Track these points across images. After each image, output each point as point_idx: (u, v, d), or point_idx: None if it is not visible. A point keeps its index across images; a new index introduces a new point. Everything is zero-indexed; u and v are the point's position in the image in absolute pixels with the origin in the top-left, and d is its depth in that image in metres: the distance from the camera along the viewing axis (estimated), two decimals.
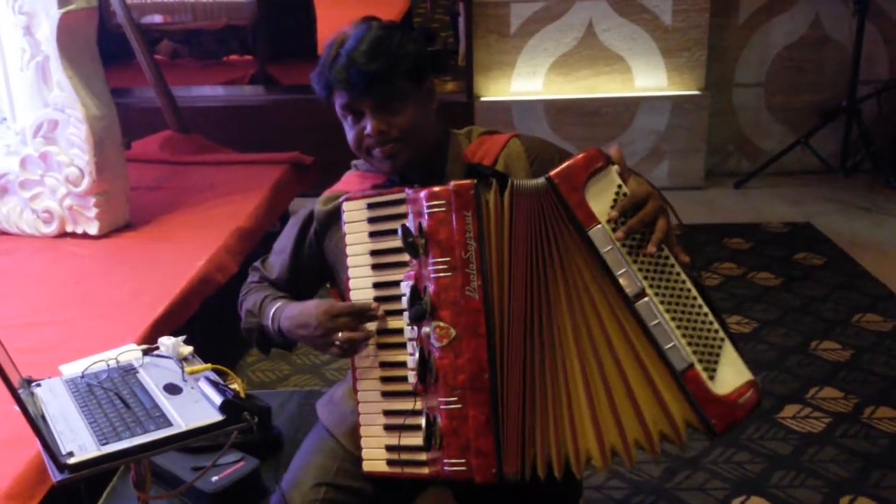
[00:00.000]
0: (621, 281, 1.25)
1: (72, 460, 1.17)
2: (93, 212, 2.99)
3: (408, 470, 1.34)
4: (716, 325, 1.26)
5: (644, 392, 1.26)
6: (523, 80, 4.49)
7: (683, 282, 1.26)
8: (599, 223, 1.26)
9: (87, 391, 1.37)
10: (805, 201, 4.27)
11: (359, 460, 1.40)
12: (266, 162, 3.79)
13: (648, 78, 4.44)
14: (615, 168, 1.27)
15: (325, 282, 1.59)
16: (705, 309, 1.26)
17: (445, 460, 1.28)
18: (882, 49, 4.48)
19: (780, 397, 2.60)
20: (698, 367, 1.25)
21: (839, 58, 4.45)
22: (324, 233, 1.51)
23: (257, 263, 1.64)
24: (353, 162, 1.58)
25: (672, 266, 1.26)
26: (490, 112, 4.44)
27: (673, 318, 1.26)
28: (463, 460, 1.27)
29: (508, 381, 1.27)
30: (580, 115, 4.43)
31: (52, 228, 3.06)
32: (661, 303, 1.25)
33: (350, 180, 1.55)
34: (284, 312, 1.46)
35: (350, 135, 1.42)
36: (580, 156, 1.27)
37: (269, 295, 1.55)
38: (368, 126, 1.38)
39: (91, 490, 1.81)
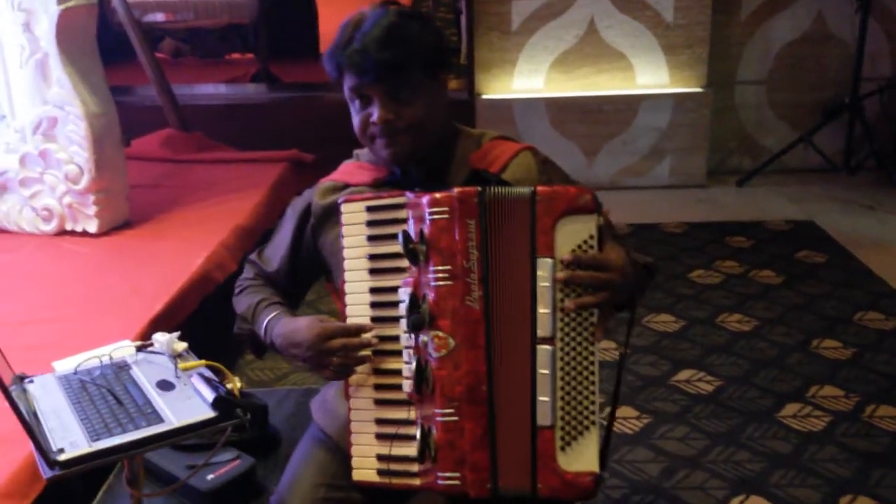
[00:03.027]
0: (538, 319, 1.23)
1: (62, 457, 1.17)
2: (92, 209, 2.99)
3: (398, 481, 1.31)
4: (594, 408, 1.24)
5: None
6: (525, 78, 4.48)
7: (592, 353, 1.24)
8: (552, 259, 1.23)
9: (80, 387, 1.37)
10: (807, 199, 4.25)
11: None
12: (266, 160, 3.80)
13: (650, 75, 4.43)
14: (598, 219, 1.24)
15: (322, 275, 1.56)
16: (594, 389, 1.24)
17: (439, 473, 1.26)
18: (885, 46, 4.46)
19: (780, 396, 2.59)
20: (557, 432, 1.23)
21: (842, 55, 4.44)
22: (320, 227, 1.49)
23: (253, 257, 1.61)
24: (356, 151, 1.55)
25: (590, 337, 1.24)
26: (491, 110, 4.43)
27: (562, 379, 1.24)
28: (457, 474, 1.25)
29: (507, 394, 1.24)
30: (582, 112, 4.42)
31: (51, 226, 3.06)
32: (561, 359, 1.23)
33: (350, 170, 1.51)
34: (276, 329, 1.43)
35: (356, 119, 1.39)
36: (573, 188, 1.25)
37: (264, 300, 1.51)
38: (375, 114, 1.34)
39: (88, 488, 1.80)
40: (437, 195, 1.25)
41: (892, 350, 2.83)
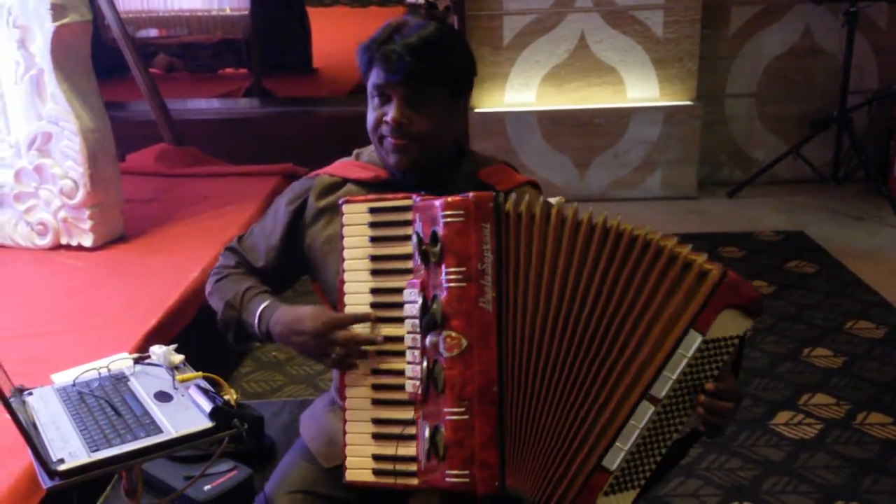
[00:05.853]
0: (659, 378, 1.27)
1: (62, 467, 1.18)
2: (87, 224, 3.00)
3: (397, 481, 1.31)
4: (648, 473, 1.29)
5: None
6: (516, 92, 4.52)
7: (677, 431, 1.30)
8: (703, 336, 1.27)
9: (79, 399, 1.38)
10: (797, 210, 4.29)
11: (331, 474, 1.41)
12: (260, 174, 3.81)
13: (641, 89, 4.47)
14: (751, 326, 1.30)
15: (304, 274, 1.56)
16: (659, 458, 1.29)
17: (448, 471, 1.26)
18: (872, 59, 4.51)
19: (772, 404, 2.61)
20: (610, 478, 1.27)
21: (830, 68, 4.48)
22: (311, 225, 1.49)
23: (234, 245, 1.57)
24: (357, 150, 1.56)
25: (685, 417, 1.29)
26: (484, 123, 4.46)
27: (643, 438, 1.28)
28: (467, 472, 1.25)
29: (518, 394, 1.26)
30: (573, 126, 4.45)
31: (46, 241, 3.07)
32: (653, 421, 1.27)
33: (348, 167, 1.52)
34: (275, 316, 1.41)
35: (371, 116, 1.42)
36: (753, 288, 1.30)
37: (251, 287, 1.49)
38: (390, 114, 1.37)
39: (85, 500, 1.81)
40: (450, 198, 1.27)
41: (882, 358, 2.86)
